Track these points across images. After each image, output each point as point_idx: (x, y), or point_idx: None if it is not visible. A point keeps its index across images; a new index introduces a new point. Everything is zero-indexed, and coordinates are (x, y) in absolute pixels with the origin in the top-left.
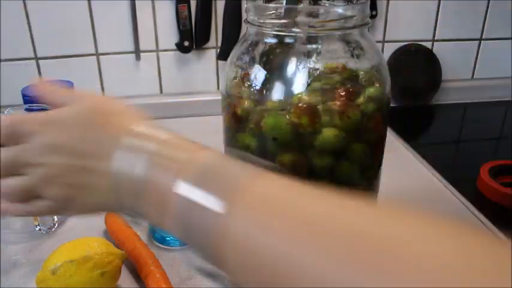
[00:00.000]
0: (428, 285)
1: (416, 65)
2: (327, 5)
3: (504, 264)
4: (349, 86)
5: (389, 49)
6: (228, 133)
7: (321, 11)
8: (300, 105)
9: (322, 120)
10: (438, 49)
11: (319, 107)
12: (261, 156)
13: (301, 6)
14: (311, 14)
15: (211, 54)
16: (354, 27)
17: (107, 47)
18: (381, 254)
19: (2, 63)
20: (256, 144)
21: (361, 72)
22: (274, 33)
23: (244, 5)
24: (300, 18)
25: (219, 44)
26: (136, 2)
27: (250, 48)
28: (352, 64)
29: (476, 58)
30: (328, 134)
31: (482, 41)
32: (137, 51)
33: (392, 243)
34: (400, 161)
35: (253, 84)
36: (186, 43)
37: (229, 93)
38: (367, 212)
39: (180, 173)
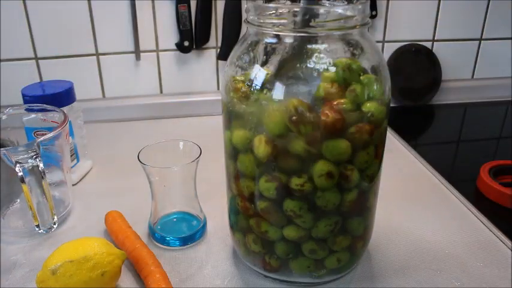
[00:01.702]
0: None
1: (416, 65)
2: (327, 5)
3: None
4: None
5: (389, 49)
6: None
7: (321, 11)
8: (301, 110)
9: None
10: (438, 49)
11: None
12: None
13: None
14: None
15: (211, 54)
16: (354, 27)
17: (107, 47)
18: None
19: (2, 63)
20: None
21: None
22: (274, 33)
23: (244, 5)
24: (300, 18)
25: (219, 44)
26: (136, 2)
27: (250, 48)
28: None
29: (476, 58)
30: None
31: (482, 41)
32: (137, 51)
33: None
34: (400, 161)
35: (254, 84)
36: (186, 43)
37: (229, 93)
38: None
39: None
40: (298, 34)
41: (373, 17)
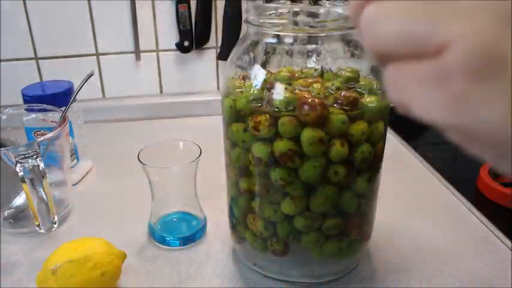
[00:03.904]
0: None
1: None
2: (327, 5)
3: None
4: (347, 91)
5: None
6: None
7: (321, 11)
8: (305, 107)
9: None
10: None
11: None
12: (261, 156)
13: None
14: (311, 14)
15: (211, 54)
16: (354, 27)
17: (107, 47)
18: None
19: (2, 63)
20: (255, 144)
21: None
22: (274, 33)
23: (244, 5)
24: (300, 18)
25: (219, 44)
26: (136, 2)
27: (250, 48)
28: (352, 64)
29: None
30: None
31: None
32: (137, 51)
33: None
34: (400, 161)
35: (254, 84)
36: (186, 43)
37: (229, 93)
38: None
39: None
40: (298, 34)
41: None
